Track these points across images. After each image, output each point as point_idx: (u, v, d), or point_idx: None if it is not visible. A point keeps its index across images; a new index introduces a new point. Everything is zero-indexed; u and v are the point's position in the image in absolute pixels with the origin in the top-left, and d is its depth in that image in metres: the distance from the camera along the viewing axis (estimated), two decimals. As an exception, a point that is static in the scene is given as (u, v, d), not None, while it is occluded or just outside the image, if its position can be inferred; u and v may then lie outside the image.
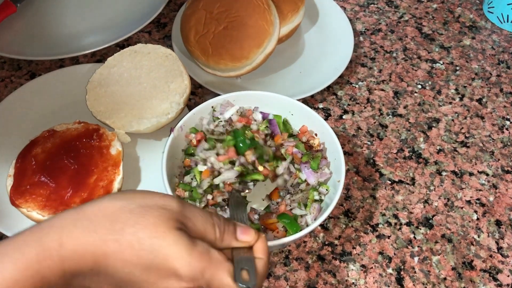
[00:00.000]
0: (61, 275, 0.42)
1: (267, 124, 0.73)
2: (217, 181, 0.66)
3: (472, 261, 0.72)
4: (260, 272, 0.48)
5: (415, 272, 0.70)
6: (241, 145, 0.68)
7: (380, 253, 0.72)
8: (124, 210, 0.44)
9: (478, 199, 0.79)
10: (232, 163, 0.67)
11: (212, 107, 0.75)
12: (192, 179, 0.69)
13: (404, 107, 0.90)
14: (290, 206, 0.68)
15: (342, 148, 0.72)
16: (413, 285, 0.69)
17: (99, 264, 0.43)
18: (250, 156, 0.67)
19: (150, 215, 0.44)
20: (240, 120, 0.73)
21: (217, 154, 0.68)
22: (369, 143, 0.84)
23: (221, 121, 0.73)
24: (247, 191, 0.68)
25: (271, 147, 0.71)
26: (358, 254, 0.72)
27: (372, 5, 1.08)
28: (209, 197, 0.67)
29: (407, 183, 0.80)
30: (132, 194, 0.47)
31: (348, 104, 0.89)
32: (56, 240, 0.42)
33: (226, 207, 0.67)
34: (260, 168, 0.68)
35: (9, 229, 0.68)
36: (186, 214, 0.46)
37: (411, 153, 0.83)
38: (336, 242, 0.73)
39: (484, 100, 0.92)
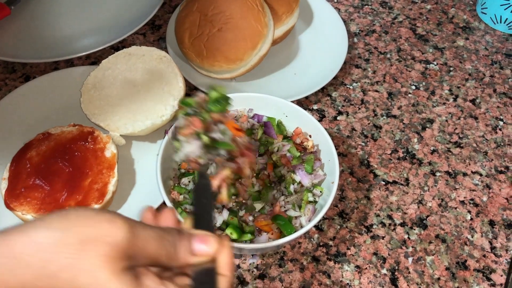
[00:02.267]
0: None
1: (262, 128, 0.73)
2: (177, 158, 0.56)
3: (465, 261, 0.72)
4: None
5: (409, 273, 0.71)
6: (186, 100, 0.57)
7: (375, 253, 0.72)
8: (60, 246, 0.36)
9: (471, 199, 0.79)
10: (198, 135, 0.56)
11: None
12: (189, 181, 0.69)
13: (398, 108, 0.90)
14: (285, 207, 0.68)
15: (337, 149, 0.73)
16: (407, 285, 0.69)
17: None
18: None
19: (91, 254, 0.36)
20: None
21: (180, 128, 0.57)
22: (363, 144, 0.85)
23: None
24: (218, 157, 0.56)
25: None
26: (353, 255, 0.72)
27: (366, 6, 1.08)
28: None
29: (401, 184, 0.80)
30: (71, 221, 0.38)
31: (343, 105, 0.90)
32: None
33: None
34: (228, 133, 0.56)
35: (4, 232, 0.69)
36: (137, 242, 0.38)
37: (405, 154, 0.84)
38: (330, 243, 0.73)
39: (477, 100, 0.92)
